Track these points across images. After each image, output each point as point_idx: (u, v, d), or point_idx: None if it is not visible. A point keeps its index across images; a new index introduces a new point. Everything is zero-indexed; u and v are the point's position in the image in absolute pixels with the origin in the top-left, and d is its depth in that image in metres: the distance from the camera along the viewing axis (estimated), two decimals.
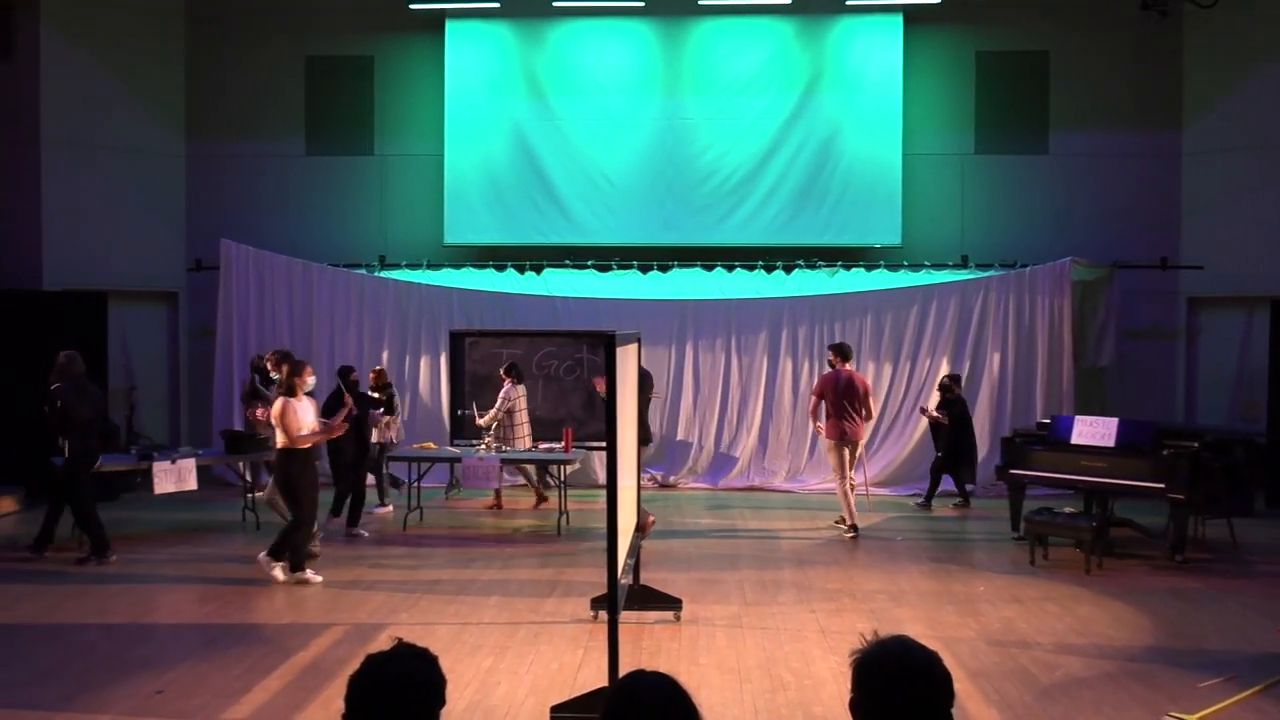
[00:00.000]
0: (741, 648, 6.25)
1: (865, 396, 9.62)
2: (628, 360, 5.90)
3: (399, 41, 13.48)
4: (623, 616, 5.47)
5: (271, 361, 9.18)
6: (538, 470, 11.10)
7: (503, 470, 9.85)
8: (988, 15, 13.16)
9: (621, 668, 4.89)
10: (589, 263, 12.88)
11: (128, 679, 5.66)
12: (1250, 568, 8.51)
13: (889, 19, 13.00)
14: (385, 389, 10.52)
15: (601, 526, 5.40)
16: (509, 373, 10.69)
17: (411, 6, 13.02)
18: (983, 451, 11.48)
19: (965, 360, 12.10)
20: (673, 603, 6.81)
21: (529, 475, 11.30)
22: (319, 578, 7.74)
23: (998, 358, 12.10)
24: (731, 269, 12.82)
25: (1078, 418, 9.29)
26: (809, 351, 12.31)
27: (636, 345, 6.76)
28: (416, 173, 13.43)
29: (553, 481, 10.78)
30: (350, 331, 12.53)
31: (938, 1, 12.84)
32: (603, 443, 5.40)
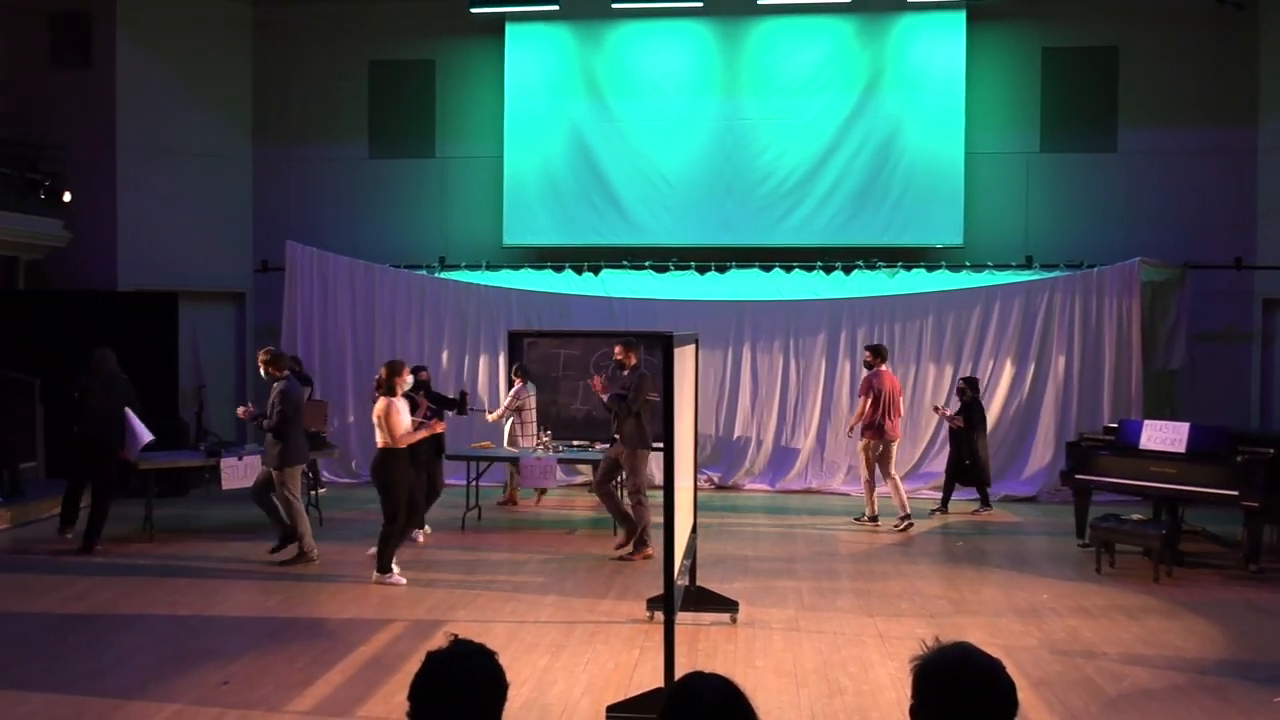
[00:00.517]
0: (798, 651, 6.20)
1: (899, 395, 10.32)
2: (685, 361, 5.89)
3: (459, 45, 13.65)
4: (679, 618, 5.47)
5: (261, 360, 8.67)
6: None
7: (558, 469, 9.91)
8: (1054, 11, 12.91)
9: (677, 669, 4.89)
10: (646, 263, 12.90)
11: (195, 669, 5.80)
12: None
13: (952, 15, 12.82)
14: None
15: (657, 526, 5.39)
16: (518, 372, 10.89)
17: (472, 10, 13.16)
18: (1047, 456, 11.27)
19: (1030, 363, 11.87)
20: (729, 605, 6.78)
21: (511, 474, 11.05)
22: (403, 580, 7.73)
23: (1063, 360, 11.83)
24: (790, 269, 12.74)
25: (1147, 422, 9.04)
26: None
27: (694, 346, 6.75)
28: (476, 175, 13.58)
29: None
30: (411, 332, 12.70)
31: None
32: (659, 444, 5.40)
